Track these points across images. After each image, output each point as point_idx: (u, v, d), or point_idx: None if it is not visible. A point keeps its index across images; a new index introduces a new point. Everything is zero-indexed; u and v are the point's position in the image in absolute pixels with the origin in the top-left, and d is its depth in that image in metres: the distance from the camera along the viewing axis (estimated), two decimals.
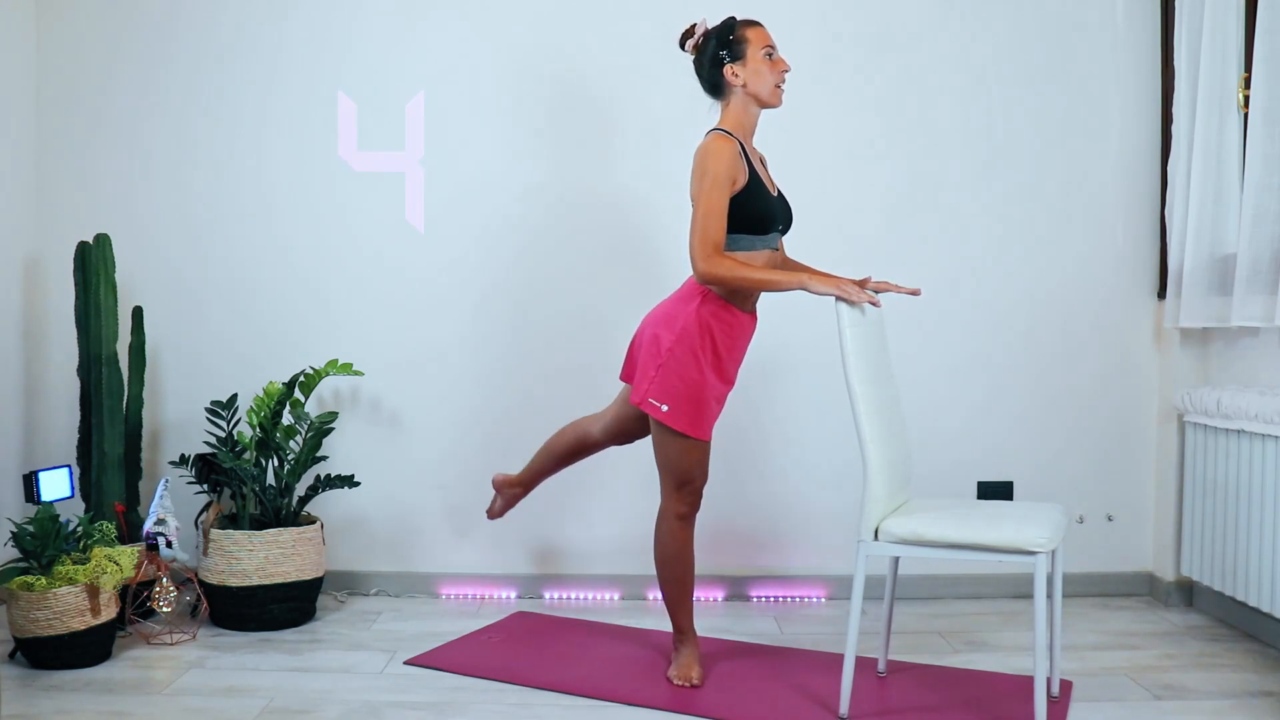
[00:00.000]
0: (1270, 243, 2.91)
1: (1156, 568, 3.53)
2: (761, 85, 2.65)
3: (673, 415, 2.60)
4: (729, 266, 2.53)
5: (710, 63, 2.67)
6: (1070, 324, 3.56)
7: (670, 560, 2.72)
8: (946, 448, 3.52)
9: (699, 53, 2.70)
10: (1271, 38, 2.87)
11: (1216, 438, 3.12)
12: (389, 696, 2.64)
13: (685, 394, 2.60)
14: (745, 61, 2.64)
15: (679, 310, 2.64)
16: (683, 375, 2.60)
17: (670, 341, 2.61)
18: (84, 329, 3.33)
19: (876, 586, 3.21)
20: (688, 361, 2.60)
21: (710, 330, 2.62)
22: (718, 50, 2.65)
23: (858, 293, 2.45)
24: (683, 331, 2.60)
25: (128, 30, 3.59)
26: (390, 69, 3.56)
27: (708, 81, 2.70)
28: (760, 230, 2.64)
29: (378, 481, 3.57)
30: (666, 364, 2.61)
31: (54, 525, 2.84)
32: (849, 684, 2.45)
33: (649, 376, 2.63)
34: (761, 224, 2.63)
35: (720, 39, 2.66)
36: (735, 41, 2.64)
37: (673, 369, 2.60)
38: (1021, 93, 3.54)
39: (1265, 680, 2.73)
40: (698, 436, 2.63)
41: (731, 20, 2.68)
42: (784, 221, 2.73)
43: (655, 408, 2.61)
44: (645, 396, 2.63)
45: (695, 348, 2.60)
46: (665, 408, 2.60)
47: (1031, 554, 2.29)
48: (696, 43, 2.71)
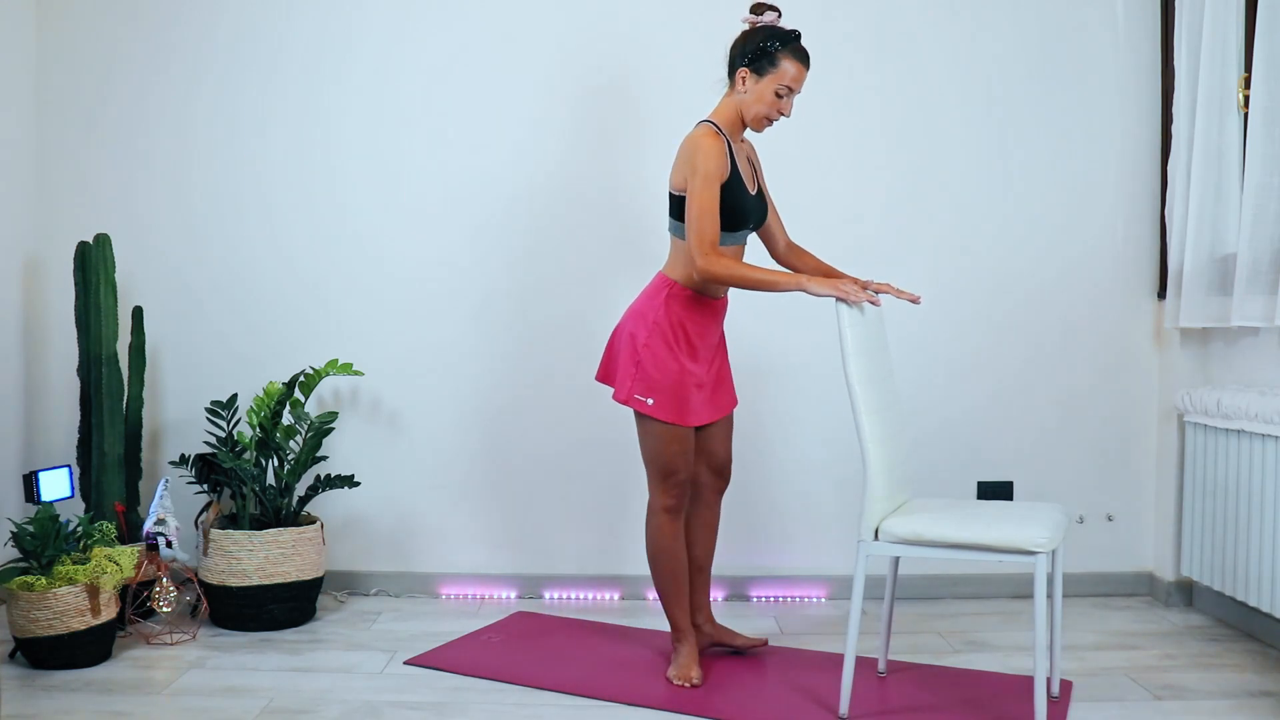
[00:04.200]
0: (1270, 243, 2.91)
1: (1156, 568, 3.53)
2: (754, 109, 2.66)
3: (658, 408, 2.65)
4: (726, 265, 2.56)
5: (739, 53, 2.66)
6: (1070, 324, 3.56)
7: (660, 556, 2.75)
8: (946, 448, 3.52)
9: (746, 37, 2.66)
10: (1271, 38, 2.87)
11: (1216, 438, 3.12)
12: (389, 696, 2.64)
13: (666, 385, 2.65)
14: (760, 80, 2.63)
15: (649, 305, 2.70)
16: (661, 368, 2.65)
17: (645, 336, 2.67)
18: (84, 329, 3.33)
19: (876, 586, 3.21)
20: (663, 354, 2.65)
21: (681, 321, 2.68)
22: (751, 49, 2.63)
23: (856, 293, 2.45)
24: (654, 325, 2.67)
25: (128, 30, 3.59)
26: (390, 69, 3.56)
27: (729, 63, 2.70)
28: (731, 227, 2.67)
29: (378, 481, 3.57)
30: (644, 359, 2.66)
31: (54, 525, 2.84)
32: (849, 684, 2.45)
33: (630, 374, 2.68)
34: (733, 221, 2.67)
35: (761, 42, 2.62)
36: (766, 56, 2.61)
37: (650, 363, 2.66)
38: (1022, 93, 3.54)
39: (1265, 680, 2.73)
40: (681, 424, 2.67)
41: (787, 36, 2.62)
42: (756, 220, 2.74)
43: (641, 403, 2.66)
44: (630, 394, 2.68)
45: (669, 340, 2.66)
46: (650, 401, 2.65)
47: (1031, 554, 2.29)
48: (754, 24, 2.66)
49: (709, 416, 2.75)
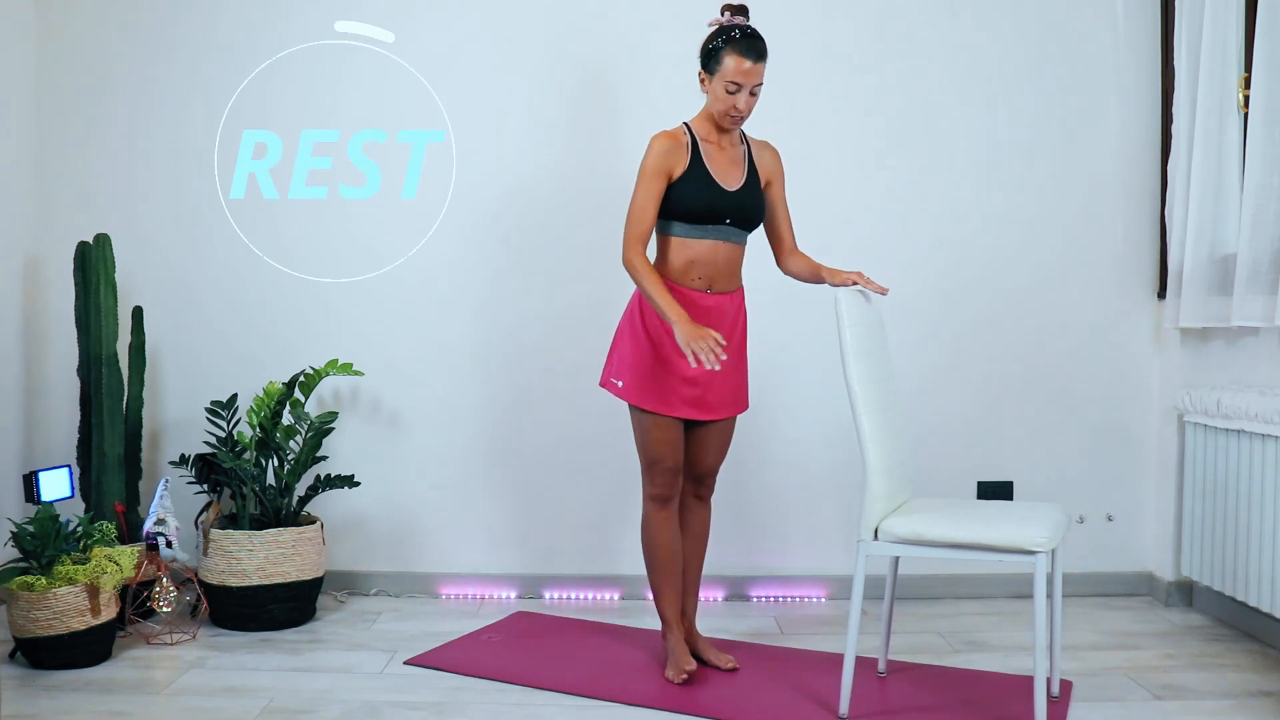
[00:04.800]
0: (1270, 243, 2.91)
1: (1156, 568, 3.53)
2: (714, 107, 2.70)
3: (628, 390, 2.72)
4: (637, 266, 2.65)
5: (700, 56, 2.70)
6: (1070, 324, 3.56)
7: (647, 547, 2.80)
8: (946, 448, 3.52)
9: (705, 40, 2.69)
10: (1271, 38, 2.87)
11: (1216, 438, 3.12)
12: (389, 696, 2.64)
13: (634, 369, 2.72)
14: (712, 79, 2.67)
15: (633, 297, 2.78)
16: (630, 351, 2.73)
17: (623, 323, 2.79)
18: (84, 329, 3.33)
19: (876, 586, 3.20)
20: (631, 338, 2.74)
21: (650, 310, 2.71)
22: (703, 51, 2.68)
23: (706, 351, 2.45)
24: (628, 312, 2.78)
25: (128, 30, 3.59)
26: (390, 70, 3.56)
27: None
28: (695, 220, 2.69)
29: (378, 481, 3.57)
30: (618, 344, 2.78)
31: (54, 525, 2.84)
32: (849, 684, 2.46)
33: (608, 360, 2.81)
34: (694, 214, 2.68)
35: (709, 44, 2.67)
36: (713, 55, 2.65)
37: (620, 348, 2.77)
38: (1022, 93, 3.54)
39: (1265, 680, 2.73)
40: (656, 411, 2.70)
41: (729, 33, 2.63)
42: (733, 216, 2.71)
43: (614, 385, 2.76)
44: (606, 378, 2.80)
45: (637, 325, 2.73)
46: (620, 383, 2.74)
47: (1031, 554, 2.29)
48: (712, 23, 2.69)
49: (696, 414, 2.75)
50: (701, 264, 2.70)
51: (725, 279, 2.73)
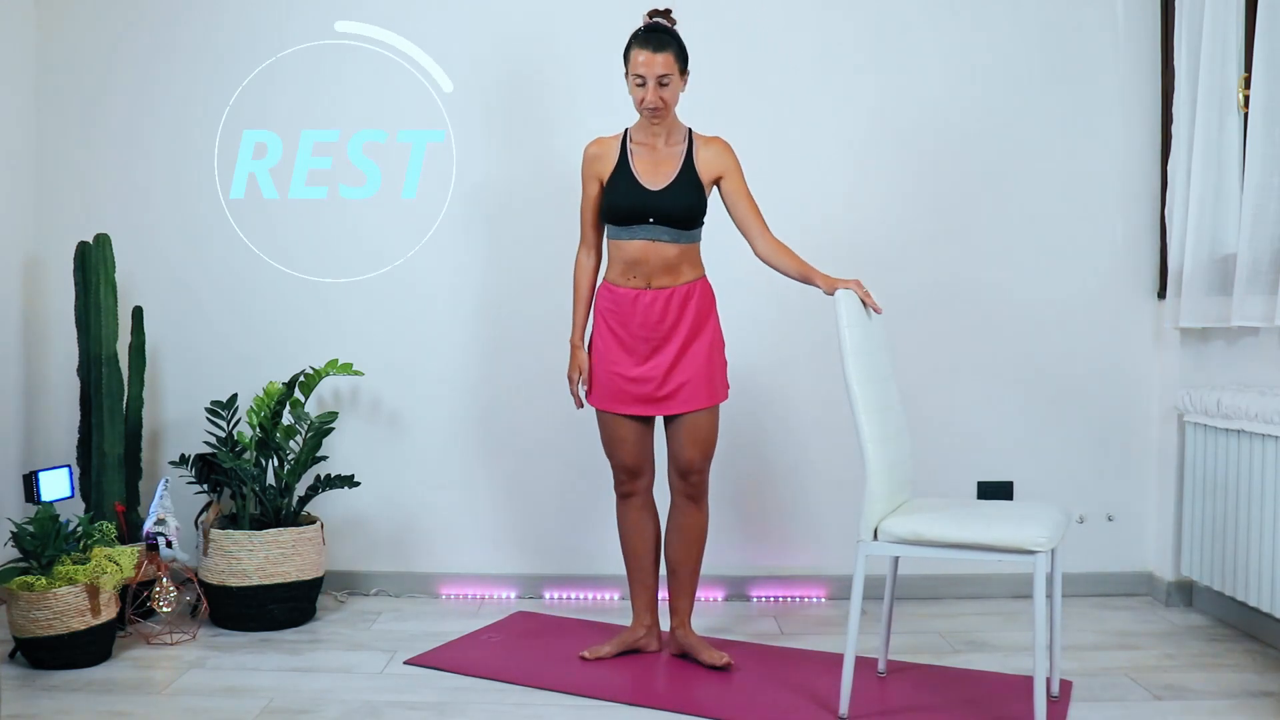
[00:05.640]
0: (1270, 243, 2.91)
1: (1156, 568, 3.53)
2: (634, 100, 2.73)
3: (589, 394, 2.87)
4: (575, 270, 2.89)
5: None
6: (1070, 324, 3.55)
7: (620, 538, 2.91)
8: (946, 448, 3.52)
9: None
10: (1271, 38, 2.87)
11: (1216, 438, 3.12)
12: (389, 696, 2.64)
13: (595, 372, 2.84)
14: (627, 75, 2.73)
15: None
16: (592, 351, 2.85)
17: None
18: (84, 329, 3.33)
19: (876, 586, 3.20)
20: (595, 343, 2.85)
21: (602, 311, 2.83)
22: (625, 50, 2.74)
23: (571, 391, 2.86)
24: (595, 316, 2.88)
25: (128, 30, 3.59)
26: (390, 70, 3.56)
27: None
28: (621, 221, 2.76)
29: (378, 481, 3.57)
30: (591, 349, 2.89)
31: (54, 525, 2.84)
32: (849, 684, 2.45)
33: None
34: (619, 215, 2.75)
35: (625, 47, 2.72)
36: (626, 53, 2.72)
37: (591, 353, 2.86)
38: (1022, 93, 3.53)
39: (1265, 680, 2.73)
40: (604, 409, 2.83)
41: (637, 30, 2.70)
42: (656, 214, 2.72)
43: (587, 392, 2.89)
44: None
45: (597, 329, 2.84)
46: (584, 390, 2.88)
47: (1031, 553, 2.29)
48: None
49: (651, 410, 2.79)
50: (635, 263, 2.76)
51: (663, 275, 2.76)
